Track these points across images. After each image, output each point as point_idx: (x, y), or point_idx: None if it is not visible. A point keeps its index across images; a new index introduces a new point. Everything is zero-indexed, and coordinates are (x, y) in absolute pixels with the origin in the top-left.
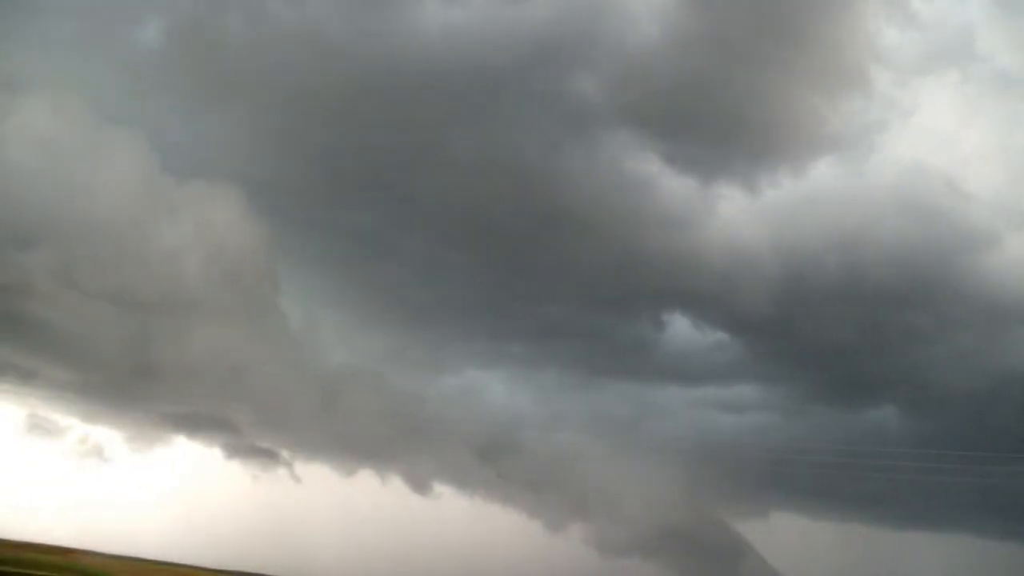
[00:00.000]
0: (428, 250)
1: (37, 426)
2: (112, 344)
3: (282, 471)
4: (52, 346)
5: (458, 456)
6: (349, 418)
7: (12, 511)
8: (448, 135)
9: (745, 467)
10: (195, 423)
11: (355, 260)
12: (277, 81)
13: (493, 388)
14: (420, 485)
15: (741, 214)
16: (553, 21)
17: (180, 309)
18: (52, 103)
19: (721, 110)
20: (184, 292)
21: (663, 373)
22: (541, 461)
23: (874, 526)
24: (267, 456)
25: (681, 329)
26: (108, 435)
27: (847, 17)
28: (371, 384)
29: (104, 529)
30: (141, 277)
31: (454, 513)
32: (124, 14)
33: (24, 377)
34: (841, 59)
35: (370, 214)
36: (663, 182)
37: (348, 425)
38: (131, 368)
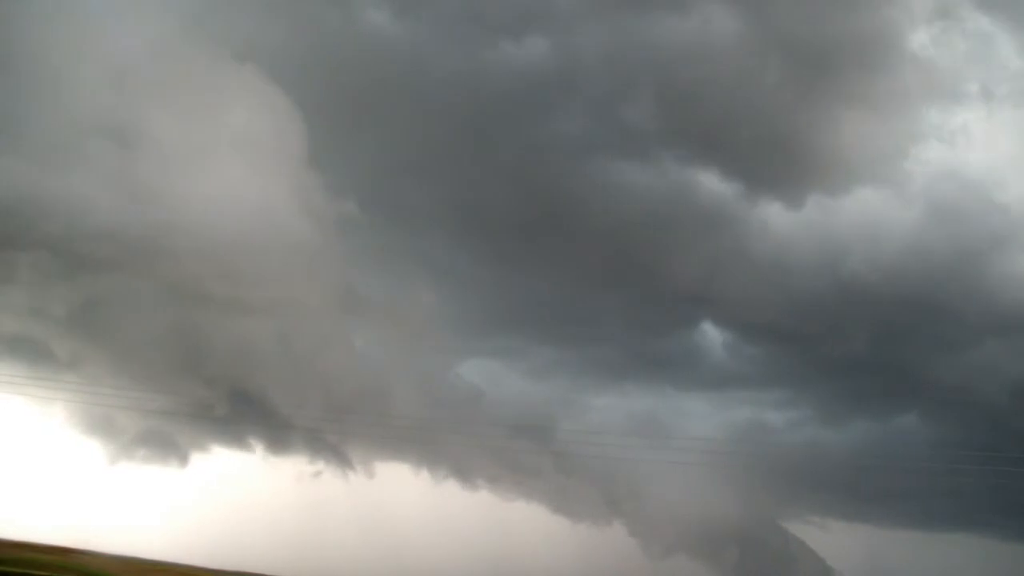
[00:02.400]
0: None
1: (81, 421)
2: (162, 333)
3: (323, 464)
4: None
5: (494, 452)
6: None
7: (20, 509)
8: (487, 146)
9: (779, 469)
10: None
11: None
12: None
13: (525, 390)
14: (461, 479)
15: (778, 220)
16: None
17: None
18: None
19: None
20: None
21: (695, 377)
22: (576, 460)
23: (915, 529)
24: (313, 449)
25: (714, 334)
26: (150, 428)
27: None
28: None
29: (108, 529)
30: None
31: (490, 510)
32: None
33: (66, 368)
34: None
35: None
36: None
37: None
38: (181, 358)
